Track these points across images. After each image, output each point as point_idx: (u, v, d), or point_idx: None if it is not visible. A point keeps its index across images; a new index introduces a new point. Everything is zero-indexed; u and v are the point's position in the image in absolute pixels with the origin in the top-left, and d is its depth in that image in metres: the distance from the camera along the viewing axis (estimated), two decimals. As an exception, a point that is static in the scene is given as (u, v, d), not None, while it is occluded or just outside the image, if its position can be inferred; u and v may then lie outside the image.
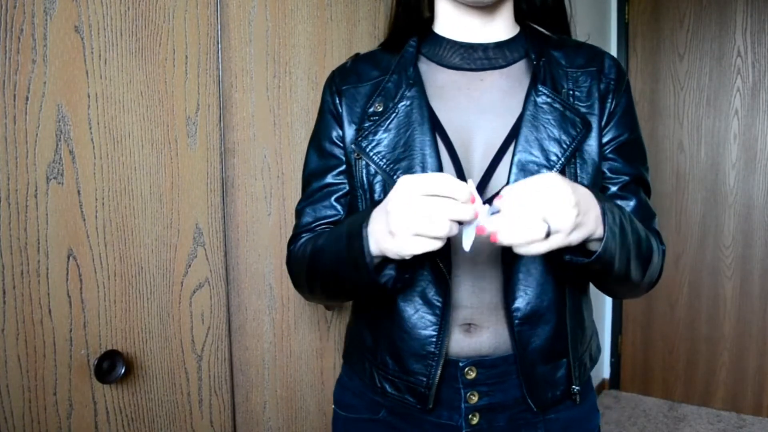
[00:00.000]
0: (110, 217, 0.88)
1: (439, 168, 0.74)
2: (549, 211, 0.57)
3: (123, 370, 0.87)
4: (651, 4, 2.83)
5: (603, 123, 0.79)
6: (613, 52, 2.91)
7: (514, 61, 0.82)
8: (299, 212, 0.87)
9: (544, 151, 0.74)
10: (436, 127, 0.77)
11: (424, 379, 0.78)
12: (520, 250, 0.59)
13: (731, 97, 2.70)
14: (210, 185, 1.02)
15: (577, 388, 0.81)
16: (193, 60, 0.98)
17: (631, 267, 0.71)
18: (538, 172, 0.73)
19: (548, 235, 0.58)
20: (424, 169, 0.74)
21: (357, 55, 0.90)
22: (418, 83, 0.80)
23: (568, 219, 0.58)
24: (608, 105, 0.80)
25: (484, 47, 0.82)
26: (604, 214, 0.64)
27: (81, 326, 0.85)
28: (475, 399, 0.79)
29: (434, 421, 0.81)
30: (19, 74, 0.76)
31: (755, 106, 2.66)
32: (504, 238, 0.57)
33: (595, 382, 2.99)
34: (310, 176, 0.87)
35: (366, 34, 1.35)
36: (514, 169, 0.74)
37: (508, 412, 0.80)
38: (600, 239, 0.64)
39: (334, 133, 0.84)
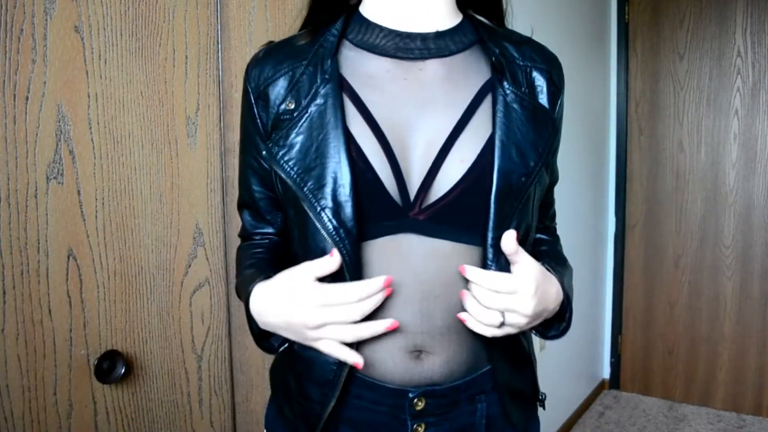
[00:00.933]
0: (110, 217, 0.88)
1: (353, 180, 0.65)
2: (506, 311, 0.65)
3: (123, 370, 0.87)
4: (651, 4, 2.83)
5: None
6: (613, 52, 2.92)
7: (458, 51, 0.73)
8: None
9: (524, 158, 0.69)
10: (370, 123, 0.68)
11: (318, 408, 0.70)
12: (478, 330, 0.66)
13: (731, 97, 2.70)
14: (210, 185, 1.02)
15: (544, 393, 0.80)
16: (193, 60, 0.98)
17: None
18: (519, 181, 0.68)
19: (502, 324, 0.65)
20: (335, 181, 0.65)
21: (270, 43, 0.77)
22: (333, 79, 0.68)
23: (520, 322, 0.66)
24: (556, 108, 0.76)
25: (423, 36, 0.72)
26: (568, 300, 0.73)
27: (81, 326, 0.85)
28: (421, 430, 0.71)
29: None
30: (19, 74, 0.76)
31: (755, 106, 2.66)
32: (468, 323, 0.66)
33: (595, 382, 2.99)
34: (247, 206, 0.80)
35: (366, 34, 1.35)
36: (497, 181, 0.66)
37: None
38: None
39: (262, 149, 0.74)
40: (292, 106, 0.69)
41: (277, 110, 0.70)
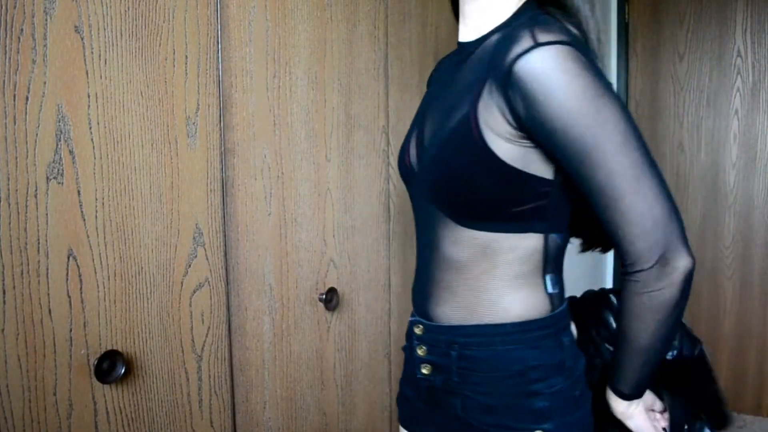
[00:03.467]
0: (110, 217, 0.88)
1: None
2: None
3: (123, 370, 0.87)
4: (651, 4, 2.82)
5: None
6: (613, 53, 2.92)
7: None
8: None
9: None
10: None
11: None
12: None
13: (731, 97, 2.70)
14: (210, 185, 1.02)
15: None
16: (193, 60, 0.98)
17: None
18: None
19: None
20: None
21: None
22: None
23: None
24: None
25: (468, 45, 0.92)
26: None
27: (81, 326, 0.85)
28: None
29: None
30: (19, 74, 0.76)
31: (755, 106, 2.66)
32: None
33: (595, 382, 2.99)
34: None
35: (366, 34, 1.35)
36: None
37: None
38: None
39: None
40: None
41: None
